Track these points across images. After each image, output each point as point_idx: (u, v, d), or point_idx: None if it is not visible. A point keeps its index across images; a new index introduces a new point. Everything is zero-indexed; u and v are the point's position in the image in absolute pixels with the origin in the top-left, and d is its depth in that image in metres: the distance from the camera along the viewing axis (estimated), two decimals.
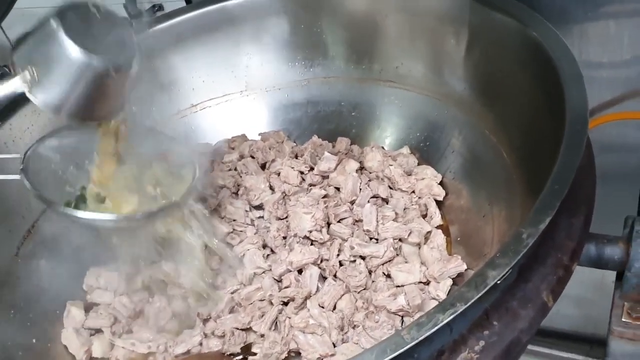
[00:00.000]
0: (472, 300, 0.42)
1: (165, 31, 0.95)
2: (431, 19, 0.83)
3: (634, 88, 0.87)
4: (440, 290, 0.66)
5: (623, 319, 0.54)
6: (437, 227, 0.76)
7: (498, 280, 0.44)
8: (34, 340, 0.69)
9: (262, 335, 0.67)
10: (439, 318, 0.42)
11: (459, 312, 0.42)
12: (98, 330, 0.74)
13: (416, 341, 0.41)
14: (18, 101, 0.83)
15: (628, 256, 0.56)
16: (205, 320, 0.71)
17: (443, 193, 0.79)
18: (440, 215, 0.77)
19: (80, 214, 0.60)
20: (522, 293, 0.49)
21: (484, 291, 0.43)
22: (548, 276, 0.50)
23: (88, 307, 0.76)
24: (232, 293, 0.72)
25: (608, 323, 0.56)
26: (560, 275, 0.51)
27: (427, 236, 0.75)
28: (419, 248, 0.73)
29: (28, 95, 0.56)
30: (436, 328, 0.41)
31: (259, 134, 0.96)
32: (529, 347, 1.04)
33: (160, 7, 1.31)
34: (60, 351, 0.71)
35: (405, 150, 0.86)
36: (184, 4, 1.14)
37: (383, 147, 0.89)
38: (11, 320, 0.69)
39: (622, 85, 0.87)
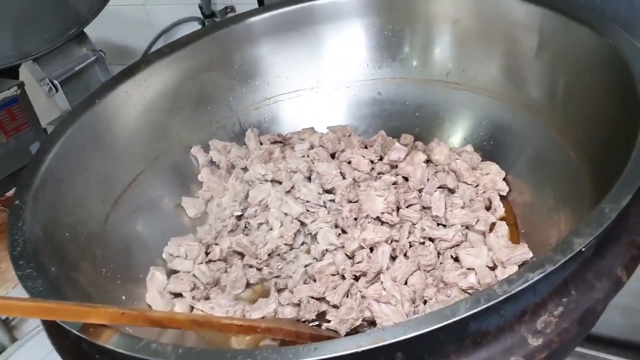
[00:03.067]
0: (560, 263, 0.47)
1: (240, 30, 1.02)
2: (502, 25, 0.87)
3: None
4: (507, 275, 0.70)
5: None
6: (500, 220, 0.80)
7: (583, 248, 0.48)
8: (123, 297, 0.75)
9: (335, 306, 0.72)
10: (528, 276, 0.46)
11: (547, 272, 0.46)
12: (177, 295, 0.80)
13: (507, 295, 0.45)
14: (113, 84, 0.92)
15: None
16: (279, 290, 0.76)
17: (507, 189, 0.83)
18: (503, 209, 0.81)
19: None
20: (598, 267, 0.53)
21: (570, 255, 0.47)
22: (622, 254, 0.54)
23: (168, 274, 0.82)
24: (305, 267, 0.77)
25: None
26: (634, 254, 0.54)
27: (491, 227, 0.79)
28: (484, 237, 0.77)
29: None
30: (526, 285, 0.46)
31: (327, 128, 1.01)
32: (578, 349, 1.07)
33: (232, 9, 1.39)
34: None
35: (469, 148, 0.91)
36: (255, 5, 1.21)
37: None
38: (104, 277, 0.75)
39: None
